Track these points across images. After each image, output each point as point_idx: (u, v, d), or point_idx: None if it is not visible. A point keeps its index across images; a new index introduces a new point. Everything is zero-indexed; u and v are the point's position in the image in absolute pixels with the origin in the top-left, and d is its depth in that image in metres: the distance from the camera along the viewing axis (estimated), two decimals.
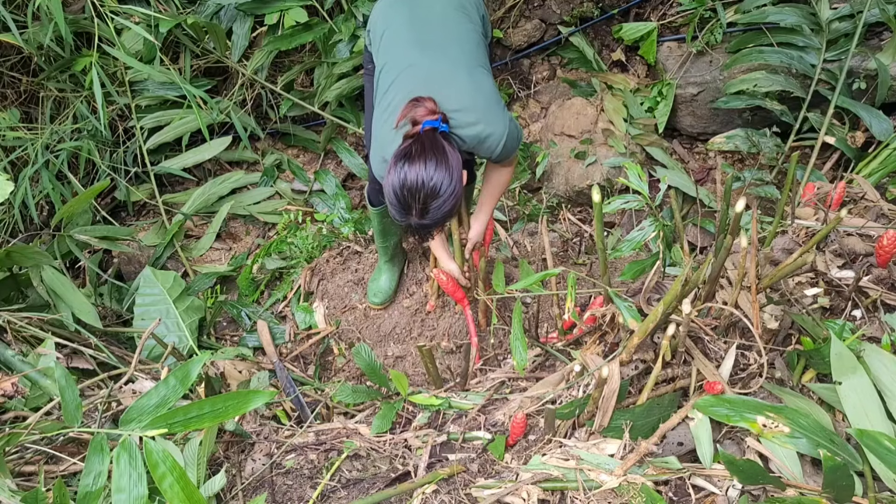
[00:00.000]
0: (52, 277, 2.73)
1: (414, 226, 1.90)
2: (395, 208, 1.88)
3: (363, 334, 2.92)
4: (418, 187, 1.80)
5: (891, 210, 2.24)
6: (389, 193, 1.86)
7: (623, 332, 1.84)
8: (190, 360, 1.39)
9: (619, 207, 1.96)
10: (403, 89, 2.00)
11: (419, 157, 1.80)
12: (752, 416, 1.53)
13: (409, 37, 2.10)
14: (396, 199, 1.85)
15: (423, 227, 1.90)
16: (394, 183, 1.83)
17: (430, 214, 1.85)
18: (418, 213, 1.84)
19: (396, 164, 1.83)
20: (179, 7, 3.15)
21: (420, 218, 1.86)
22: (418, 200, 1.82)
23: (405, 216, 1.87)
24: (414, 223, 1.88)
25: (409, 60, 2.06)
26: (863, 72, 3.19)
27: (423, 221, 1.87)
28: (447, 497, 1.69)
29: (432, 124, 1.86)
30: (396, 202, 1.85)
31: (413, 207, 1.84)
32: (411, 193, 1.81)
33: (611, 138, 3.49)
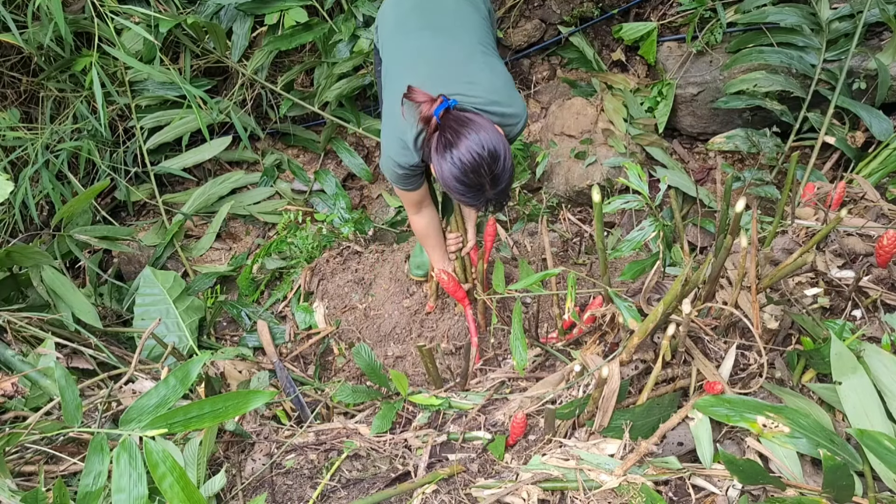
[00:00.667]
0: (52, 277, 2.73)
1: (491, 198, 1.88)
2: (468, 193, 1.86)
3: (363, 334, 2.92)
4: (479, 162, 1.79)
5: (891, 210, 2.24)
6: (455, 185, 1.84)
7: (623, 332, 1.84)
8: (190, 360, 1.39)
9: (619, 207, 1.96)
10: (417, 73, 1.98)
11: (459, 138, 1.80)
12: (752, 416, 1.53)
13: (420, 23, 2.09)
14: (465, 185, 1.83)
15: (499, 193, 1.88)
16: (454, 174, 1.81)
17: (501, 179, 1.84)
18: (491, 185, 1.84)
19: (445, 157, 1.82)
20: (179, 7, 3.15)
21: (494, 187, 1.85)
22: (486, 174, 1.81)
23: (479, 195, 1.86)
24: (490, 196, 1.87)
25: (419, 45, 2.05)
26: (863, 72, 3.19)
27: (499, 188, 1.86)
28: (447, 497, 1.69)
29: (443, 108, 1.85)
30: (466, 187, 1.84)
31: (485, 183, 1.83)
32: (476, 172, 1.80)
33: (611, 138, 3.49)
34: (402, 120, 1.95)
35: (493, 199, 1.89)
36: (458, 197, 1.90)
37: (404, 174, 2.09)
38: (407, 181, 2.13)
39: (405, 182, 2.13)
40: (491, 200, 1.90)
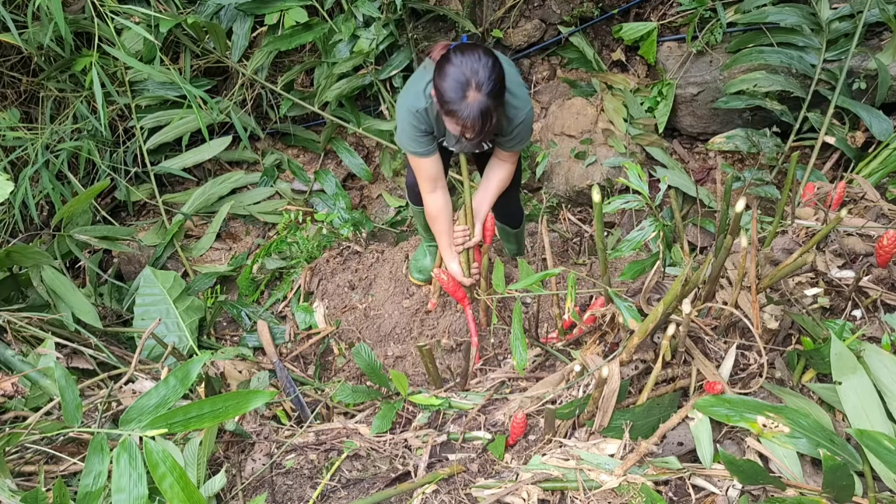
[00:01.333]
0: (52, 277, 2.73)
1: (476, 108, 1.90)
2: (453, 93, 1.90)
3: (363, 334, 2.92)
4: (475, 62, 1.88)
5: (891, 210, 2.24)
6: (449, 80, 1.90)
7: (623, 332, 1.84)
8: (190, 360, 1.39)
9: (619, 207, 1.96)
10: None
11: (464, 50, 1.92)
12: (752, 416, 1.53)
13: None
14: (456, 83, 1.89)
15: (484, 107, 1.90)
16: (452, 72, 1.90)
17: (489, 88, 1.89)
18: (478, 88, 1.88)
19: (448, 62, 1.92)
20: (179, 7, 3.15)
21: (480, 92, 1.89)
22: (478, 73, 1.87)
23: (461, 99, 1.90)
24: (476, 103, 1.89)
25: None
26: (863, 72, 3.19)
27: (486, 98, 1.89)
28: (447, 497, 1.69)
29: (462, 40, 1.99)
30: (456, 85, 1.89)
31: (471, 84, 1.88)
32: (471, 70, 1.88)
33: (611, 138, 3.49)
34: (423, 71, 2.14)
35: (478, 112, 1.90)
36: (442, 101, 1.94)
37: (416, 131, 2.17)
38: (419, 141, 2.20)
39: (417, 142, 2.20)
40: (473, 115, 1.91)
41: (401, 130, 2.21)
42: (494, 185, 2.42)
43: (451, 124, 2.02)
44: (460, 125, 1.96)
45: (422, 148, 2.23)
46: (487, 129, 1.97)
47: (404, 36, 3.53)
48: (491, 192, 2.43)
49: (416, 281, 2.95)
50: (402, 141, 2.24)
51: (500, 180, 2.42)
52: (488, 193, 2.44)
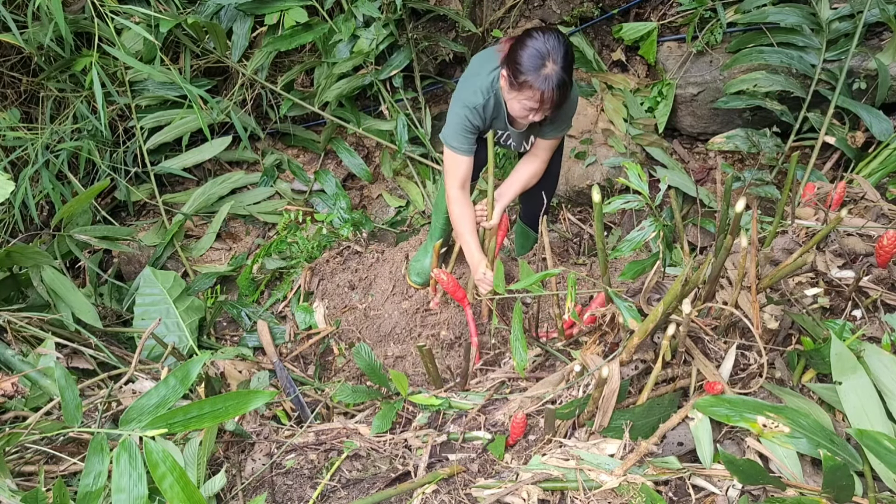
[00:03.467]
0: (52, 277, 2.73)
1: (555, 79, 2.03)
2: (533, 63, 2.02)
3: (363, 334, 2.92)
4: (555, 40, 2.02)
5: (891, 210, 2.24)
6: (527, 55, 2.02)
7: (623, 332, 1.84)
8: (190, 360, 1.39)
9: (619, 207, 1.96)
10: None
11: (541, 31, 2.05)
12: (752, 416, 1.53)
13: None
14: (537, 53, 2.02)
15: (561, 80, 2.04)
16: (531, 45, 2.02)
17: (565, 63, 2.03)
18: (555, 62, 2.02)
19: (527, 38, 2.04)
20: (179, 7, 3.15)
21: (557, 65, 2.02)
22: (557, 50, 2.01)
23: (540, 68, 2.02)
24: (555, 75, 2.03)
25: None
26: (863, 72, 3.19)
27: (562, 72, 2.03)
28: (447, 497, 1.69)
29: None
30: (536, 55, 2.02)
31: (550, 56, 2.01)
32: (552, 45, 2.01)
33: (611, 138, 3.49)
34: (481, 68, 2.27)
35: (556, 79, 2.03)
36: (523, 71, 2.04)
37: (465, 128, 2.27)
38: (464, 138, 2.30)
39: (462, 139, 2.30)
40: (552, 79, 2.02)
41: (449, 124, 2.30)
42: (522, 177, 2.50)
43: (521, 98, 2.10)
44: (535, 98, 2.06)
45: (464, 145, 2.31)
46: (559, 104, 2.09)
47: (404, 36, 3.53)
48: (517, 182, 2.50)
49: (414, 284, 2.94)
50: (447, 135, 2.32)
51: (529, 174, 2.49)
52: (514, 183, 2.51)
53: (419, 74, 3.66)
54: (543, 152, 2.48)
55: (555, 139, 2.45)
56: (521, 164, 2.52)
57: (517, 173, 2.52)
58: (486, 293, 2.44)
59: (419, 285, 2.93)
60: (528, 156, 2.51)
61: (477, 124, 2.28)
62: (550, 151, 2.50)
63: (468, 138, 2.30)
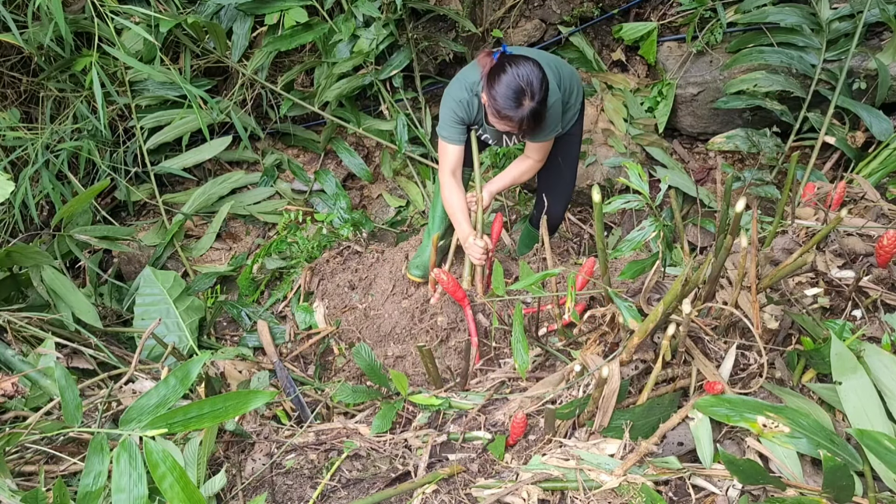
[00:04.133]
0: (52, 277, 2.73)
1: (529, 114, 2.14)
2: (509, 101, 2.13)
3: (363, 334, 2.92)
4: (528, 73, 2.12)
5: (891, 210, 2.24)
6: (503, 91, 2.13)
7: (623, 332, 1.84)
8: (190, 360, 1.39)
9: (620, 207, 1.96)
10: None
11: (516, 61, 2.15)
12: (752, 416, 1.53)
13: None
14: (512, 92, 2.12)
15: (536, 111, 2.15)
16: (507, 82, 2.12)
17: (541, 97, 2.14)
18: (531, 97, 2.13)
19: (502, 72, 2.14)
20: (179, 7, 3.15)
21: (533, 101, 2.13)
22: (532, 84, 2.11)
23: (517, 107, 2.13)
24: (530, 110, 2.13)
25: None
26: (863, 72, 3.19)
27: (538, 105, 2.14)
28: (447, 497, 1.69)
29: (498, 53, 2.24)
30: (511, 94, 2.12)
31: (526, 94, 2.12)
32: (526, 81, 2.11)
33: (611, 138, 3.49)
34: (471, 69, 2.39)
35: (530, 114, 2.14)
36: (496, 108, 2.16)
37: (454, 119, 2.41)
38: (453, 129, 2.44)
39: (451, 129, 2.44)
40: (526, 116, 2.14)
41: (441, 115, 2.45)
42: (511, 173, 2.63)
43: (499, 123, 2.24)
44: (513, 127, 2.20)
45: (453, 135, 2.45)
46: (536, 126, 2.22)
47: (404, 36, 3.53)
48: (507, 176, 2.63)
49: (414, 277, 2.94)
50: (439, 126, 2.48)
51: (519, 171, 2.61)
52: (505, 175, 2.64)
53: (419, 74, 3.66)
54: (535, 153, 2.56)
55: (544, 142, 2.51)
56: (513, 164, 2.65)
57: (508, 170, 2.66)
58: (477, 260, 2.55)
59: (419, 278, 2.94)
60: (520, 157, 2.64)
61: (463, 116, 2.41)
62: (542, 153, 2.56)
63: (456, 129, 2.44)
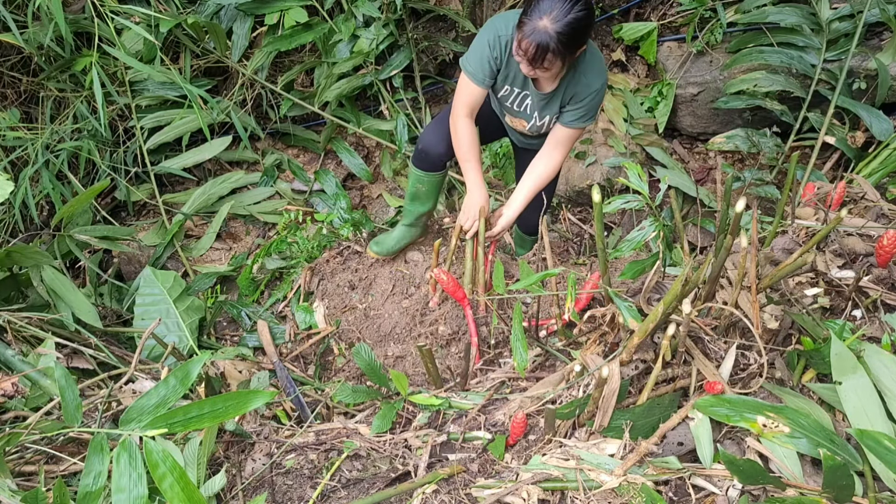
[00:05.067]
0: (52, 277, 2.73)
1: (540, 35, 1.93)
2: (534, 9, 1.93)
3: (363, 334, 2.92)
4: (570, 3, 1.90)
5: (891, 210, 2.24)
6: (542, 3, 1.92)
7: (623, 332, 1.84)
8: (190, 360, 1.39)
9: (619, 207, 1.96)
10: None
11: None
12: (752, 416, 1.53)
13: None
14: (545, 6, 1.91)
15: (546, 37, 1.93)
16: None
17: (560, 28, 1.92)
18: (553, 20, 1.91)
19: None
20: (179, 7, 3.15)
21: (552, 24, 1.92)
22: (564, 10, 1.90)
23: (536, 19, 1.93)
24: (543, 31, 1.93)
25: None
26: (863, 72, 3.19)
27: (553, 32, 1.92)
28: (447, 497, 1.69)
29: None
30: (544, 7, 1.92)
31: (552, 13, 1.91)
32: (563, 4, 1.90)
33: (611, 138, 3.49)
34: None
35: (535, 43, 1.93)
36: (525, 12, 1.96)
37: (486, 54, 2.17)
38: (482, 65, 2.20)
39: (480, 64, 2.20)
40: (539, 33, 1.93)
41: (471, 49, 2.22)
42: (536, 178, 2.41)
43: (517, 49, 2.02)
44: (518, 43, 1.99)
45: (479, 73, 2.23)
46: (537, 63, 1.99)
47: (404, 36, 3.53)
48: (531, 183, 2.42)
49: (371, 252, 3.00)
50: (466, 58, 2.24)
51: (542, 173, 2.40)
52: (526, 186, 2.42)
53: (419, 74, 3.66)
54: (560, 145, 2.35)
55: (574, 129, 2.31)
56: (536, 162, 2.41)
57: (529, 174, 2.41)
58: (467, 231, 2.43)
59: (375, 254, 3.00)
60: (545, 151, 2.39)
61: (497, 55, 2.19)
62: (568, 145, 2.37)
63: (484, 67, 2.21)
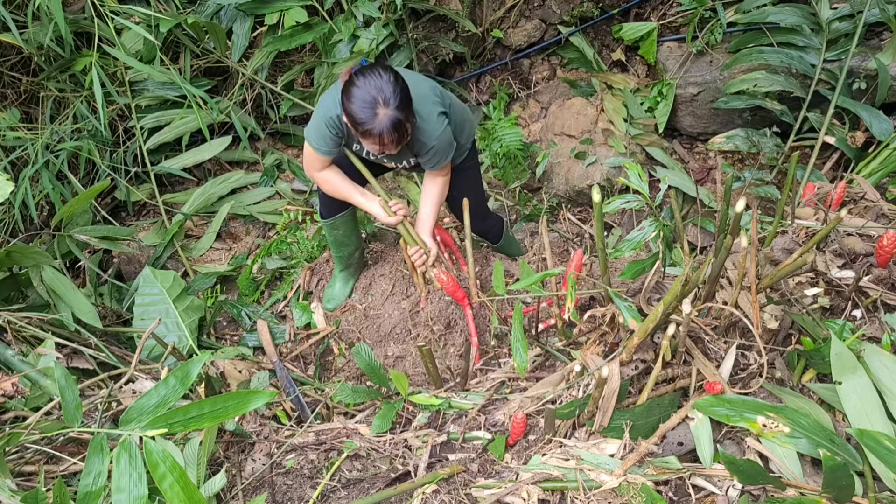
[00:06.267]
0: (52, 277, 2.73)
1: (388, 123, 2.00)
2: (364, 112, 2.00)
3: (363, 334, 2.92)
4: (378, 81, 1.99)
5: (891, 210, 2.24)
6: (357, 104, 2.00)
7: (623, 332, 1.84)
8: (190, 360, 1.39)
9: (619, 207, 1.96)
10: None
11: (365, 72, 2.02)
12: (752, 416, 1.53)
13: None
14: (364, 103, 2.00)
15: (396, 120, 2.01)
16: (358, 94, 2.00)
17: (396, 101, 2.00)
18: (385, 104, 1.99)
19: (352, 86, 2.02)
20: (179, 7, 3.15)
21: (389, 107, 1.99)
22: (383, 90, 1.99)
23: (373, 117, 2.00)
24: (388, 118, 2.00)
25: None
26: (863, 72, 3.19)
27: (395, 112, 2.00)
28: (447, 497, 1.69)
29: (361, 63, 2.11)
30: (365, 105, 2.00)
31: (378, 101, 1.99)
32: (377, 88, 1.99)
33: (611, 138, 3.49)
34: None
35: (390, 124, 2.00)
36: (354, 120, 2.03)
37: (325, 132, 2.24)
38: (324, 140, 2.27)
39: (322, 141, 2.28)
40: (387, 127, 2.00)
41: (312, 124, 2.29)
42: (433, 199, 2.52)
43: (368, 143, 2.10)
44: (377, 142, 2.06)
45: (324, 147, 2.31)
46: (405, 141, 2.09)
47: (404, 36, 3.53)
48: (430, 205, 2.53)
49: (328, 311, 3.02)
50: (310, 133, 2.30)
51: (435, 194, 2.51)
52: (428, 207, 2.53)
53: None
54: (436, 177, 2.48)
55: (440, 169, 2.43)
56: (426, 188, 2.53)
57: (425, 197, 2.54)
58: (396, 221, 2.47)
59: (330, 311, 3.02)
60: (428, 178, 2.51)
61: (336, 132, 2.27)
62: (440, 176, 2.48)
63: (328, 143, 2.29)
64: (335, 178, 2.45)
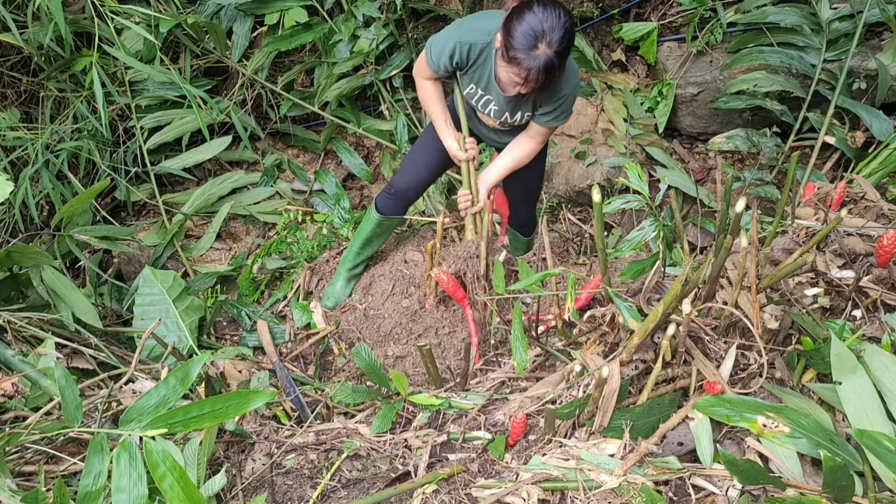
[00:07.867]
0: (52, 277, 2.73)
1: (543, 61, 1.94)
2: (525, 40, 1.93)
3: (363, 334, 2.92)
4: (555, 17, 1.92)
5: (891, 210, 2.24)
6: (522, 28, 1.93)
7: (623, 332, 1.84)
8: (190, 360, 1.39)
9: (619, 207, 1.96)
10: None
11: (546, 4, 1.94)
12: (752, 416, 1.53)
13: None
14: (531, 30, 1.92)
15: (549, 63, 1.95)
16: (529, 19, 1.92)
17: (560, 46, 1.94)
18: (549, 44, 1.93)
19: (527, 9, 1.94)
20: (179, 7, 3.15)
21: (550, 48, 1.93)
22: (555, 30, 1.92)
23: (531, 49, 1.94)
24: (545, 57, 1.94)
25: None
26: (863, 72, 3.19)
27: (554, 56, 1.94)
28: (447, 497, 1.69)
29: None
30: (530, 33, 1.92)
31: (544, 37, 1.92)
32: (550, 25, 1.91)
33: (611, 138, 3.49)
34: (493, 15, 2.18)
35: (545, 62, 1.94)
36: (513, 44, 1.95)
37: (448, 54, 2.19)
38: (440, 57, 2.22)
39: (439, 55, 2.22)
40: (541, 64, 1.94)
41: (441, 37, 2.23)
42: (511, 158, 2.42)
43: (508, 72, 2.02)
44: (521, 76, 1.99)
45: (433, 62, 2.25)
46: (545, 86, 2.02)
47: (404, 36, 3.53)
48: (506, 160, 2.43)
49: (326, 308, 3.01)
50: (435, 42, 2.24)
51: (518, 157, 2.42)
52: (502, 160, 2.44)
53: None
54: (536, 137, 2.39)
55: (550, 127, 2.36)
56: (512, 146, 2.44)
57: (505, 154, 2.44)
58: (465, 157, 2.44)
59: (329, 309, 3.00)
60: (522, 138, 2.42)
61: (458, 61, 2.22)
62: (542, 139, 2.41)
63: (444, 63, 2.24)
64: (433, 93, 2.39)
